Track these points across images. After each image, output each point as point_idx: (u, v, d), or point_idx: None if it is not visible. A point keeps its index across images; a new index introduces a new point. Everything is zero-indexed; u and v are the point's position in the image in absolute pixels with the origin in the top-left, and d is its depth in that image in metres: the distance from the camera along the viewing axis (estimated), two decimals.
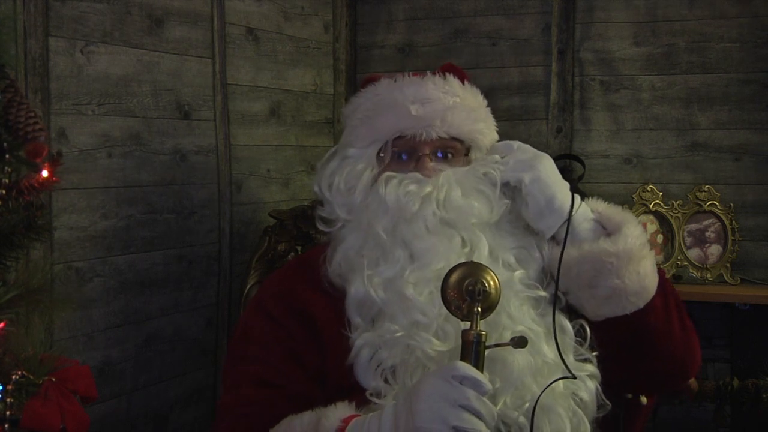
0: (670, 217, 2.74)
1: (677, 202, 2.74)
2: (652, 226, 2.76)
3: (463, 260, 1.39)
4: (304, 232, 2.36)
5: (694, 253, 2.73)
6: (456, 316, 1.32)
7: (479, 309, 1.29)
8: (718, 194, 2.72)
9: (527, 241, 1.52)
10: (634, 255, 1.47)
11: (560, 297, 1.49)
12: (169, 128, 2.31)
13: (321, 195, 1.58)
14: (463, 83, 1.61)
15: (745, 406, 2.27)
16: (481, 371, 1.25)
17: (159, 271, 2.28)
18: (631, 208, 2.74)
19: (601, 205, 1.56)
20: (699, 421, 2.76)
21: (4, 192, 1.25)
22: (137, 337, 2.22)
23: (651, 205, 2.75)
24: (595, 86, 2.85)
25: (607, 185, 2.85)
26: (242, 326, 1.62)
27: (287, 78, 2.77)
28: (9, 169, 1.26)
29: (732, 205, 2.72)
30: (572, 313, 1.52)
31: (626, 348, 1.50)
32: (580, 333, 1.48)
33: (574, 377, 1.40)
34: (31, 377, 1.23)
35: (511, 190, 1.53)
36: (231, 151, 2.52)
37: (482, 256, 1.44)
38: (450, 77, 1.59)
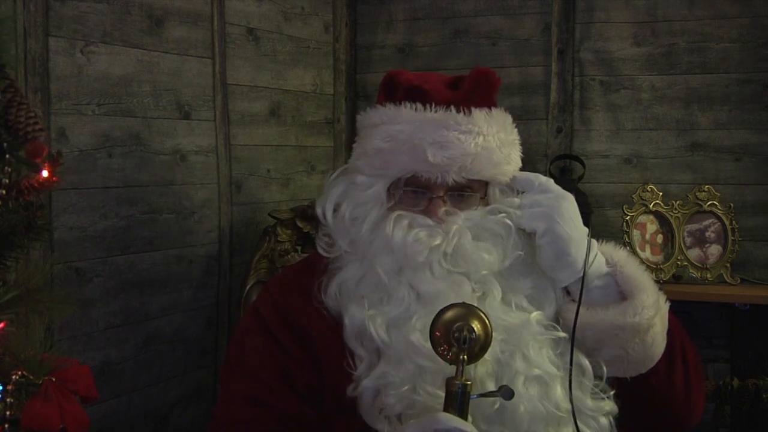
0: (670, 217, 2.74)
1: (677, 202, 2.74)
2: (652, 226, 2.76)
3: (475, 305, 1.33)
4: (304, 232, 2.36)
5: (694, 253, 2.73)
6: (443, 359, 1.27)
7: (465, 357, 1.24)
8: (718, 194, 2.72)
9: (542, 282, 1.46)
10: (641, 328, 1.41)
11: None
12: (169, 128, 2.31)
13: (323, 221, 1.52)
14: (490, 108, 1.49)
15: (745, 406, 2.27)
16: (465, 420, 1.21)
17: (159, 271, 2.28)
18: (631, 208, 2.75)
19: (619, 255, 1.48)
20: (699, 421, 2.75)
21: (4, 192, 1.25)
22: (137, 337, 2.22)
23: (651, 205, 2.74)
24: (595, 86, 2.85)
25: (607, 185, 2.85)
26: (240, 332, 1.60)
27: (287, 78, 2.77)
28: (9, 169, 1.26)
29: (732, 205, 2.72)
30: None
31: (625, 403, 1.46)
32: (596, 370, 1.43)
33: None
34: (31, 377, 1.23)
35: (527, 233, 1.47)
36: (231, 151, 2.52)
37: (495, 301, 1.39)
38: (475, 111, 1.47)
